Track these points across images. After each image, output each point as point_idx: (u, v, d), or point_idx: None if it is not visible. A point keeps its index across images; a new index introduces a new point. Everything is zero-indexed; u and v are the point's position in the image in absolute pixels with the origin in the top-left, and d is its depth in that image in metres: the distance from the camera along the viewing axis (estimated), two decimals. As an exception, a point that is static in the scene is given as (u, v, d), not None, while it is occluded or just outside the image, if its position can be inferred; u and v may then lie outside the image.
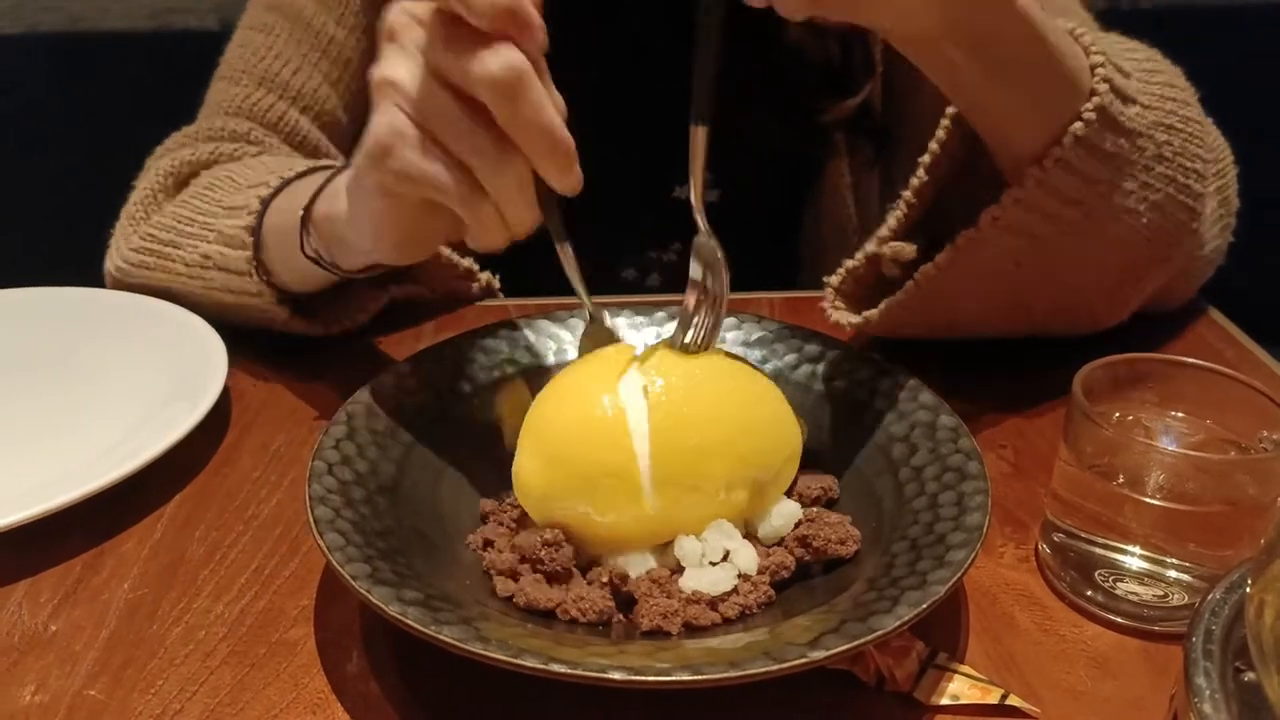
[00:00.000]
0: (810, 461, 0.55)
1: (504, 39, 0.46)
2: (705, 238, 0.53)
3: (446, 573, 0.49)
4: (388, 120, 0.49)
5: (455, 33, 0.47)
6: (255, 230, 0.69)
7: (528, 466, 0.51)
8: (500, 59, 0.46)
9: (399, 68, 0.49)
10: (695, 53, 0.50)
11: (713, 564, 0.49)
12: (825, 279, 0.68)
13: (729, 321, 0.66)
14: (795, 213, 0.90)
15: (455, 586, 0.48)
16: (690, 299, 0.53)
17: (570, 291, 0.57)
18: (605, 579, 0.48)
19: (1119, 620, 0.51)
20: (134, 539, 0.58)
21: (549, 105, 0.47)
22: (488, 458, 0.57)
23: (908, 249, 0.63)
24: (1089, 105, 0.56)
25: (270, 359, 0.74)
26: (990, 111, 0.59)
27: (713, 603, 0.47)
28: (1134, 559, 0.50)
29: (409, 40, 0.48)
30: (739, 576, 0.48)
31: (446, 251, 0.77)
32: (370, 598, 0.43)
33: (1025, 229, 0.59)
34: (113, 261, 0.79)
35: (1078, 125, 0.56)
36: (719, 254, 0.53)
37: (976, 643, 0.50)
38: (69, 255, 0.80)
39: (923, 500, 0.51)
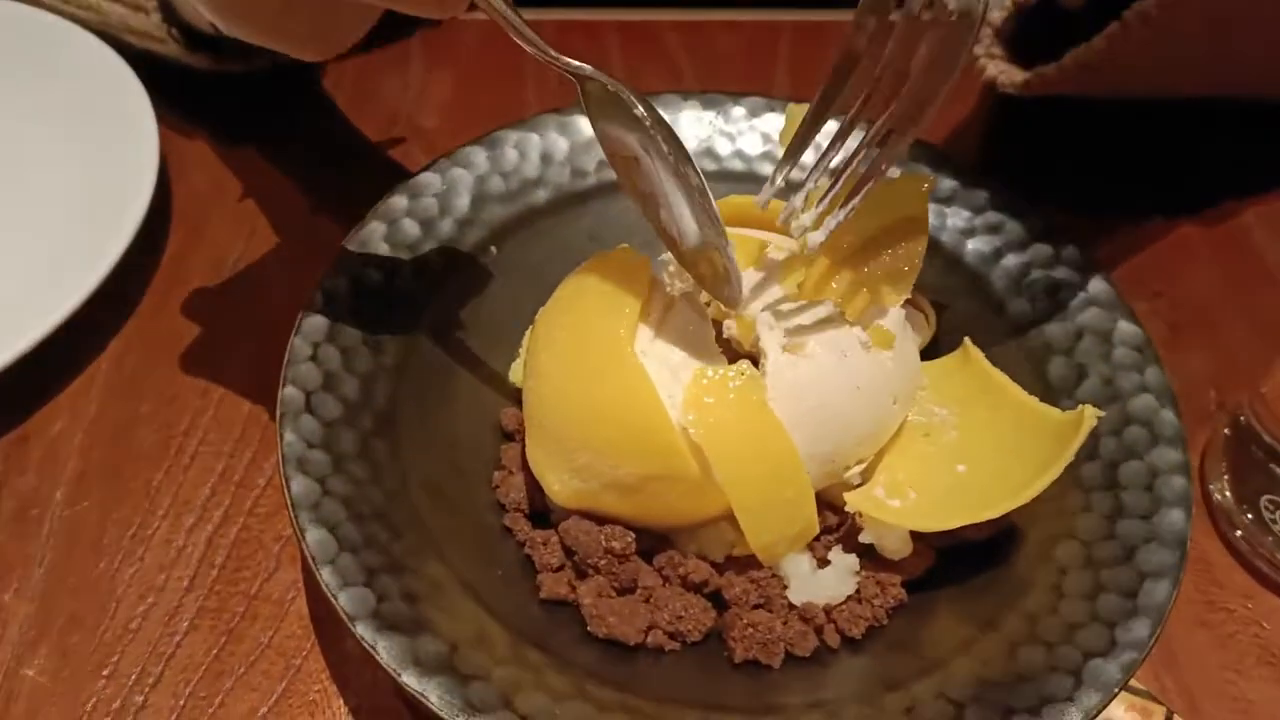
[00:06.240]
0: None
1: None
2: None
3: (475, 555, 0.37)
4: None
5: None
6: None
7: (550, 475, 0.37)
8: None
9: None
10: None
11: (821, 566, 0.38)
12: (987, 19, 0.53)
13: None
14: None
15: (487, 585, 0.36)
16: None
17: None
18: (682, 572, 0.37)
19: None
20: (64, 417, 0.46)
21: None
22: (513, 333, 0.44)
23: None
24: None
25: (213, 130, 0.57)
26: None
27: (825, 616, 0.37)
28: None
29: None
30: (857, 573, 0.37)
31: None
32: (378, 655, 0.32)
33: None
34: None
35: None
36: None
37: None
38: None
39: (1094, 467, 0.38)
